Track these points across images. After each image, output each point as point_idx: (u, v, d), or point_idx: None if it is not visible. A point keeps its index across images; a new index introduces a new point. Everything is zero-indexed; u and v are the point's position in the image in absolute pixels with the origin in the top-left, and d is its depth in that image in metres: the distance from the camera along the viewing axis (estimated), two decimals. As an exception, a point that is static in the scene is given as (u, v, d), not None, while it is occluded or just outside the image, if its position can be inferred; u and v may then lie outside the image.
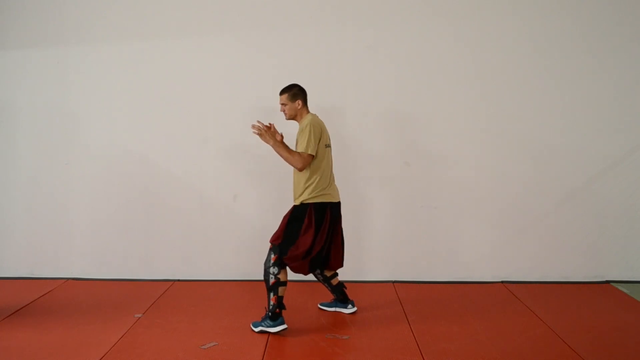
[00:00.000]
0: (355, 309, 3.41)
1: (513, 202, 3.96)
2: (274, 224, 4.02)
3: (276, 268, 3.07)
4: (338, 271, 3.42)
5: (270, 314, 3.06)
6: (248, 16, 3.99)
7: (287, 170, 3.90)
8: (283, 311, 3.09)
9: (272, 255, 3.09)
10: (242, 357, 2.76)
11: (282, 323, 3.05)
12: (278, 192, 4.02)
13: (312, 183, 3.12)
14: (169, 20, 4.03)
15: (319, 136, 3.11)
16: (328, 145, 3.21)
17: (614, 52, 3.87)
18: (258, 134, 3.15)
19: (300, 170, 3.13)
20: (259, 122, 3.18)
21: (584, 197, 3.94)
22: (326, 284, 3.41)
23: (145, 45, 4.05)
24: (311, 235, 3.07)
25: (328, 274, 3.37)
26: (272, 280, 3.06)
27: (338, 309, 3.42)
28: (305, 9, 3.97)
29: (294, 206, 3.19)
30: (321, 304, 3.50)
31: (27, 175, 4.18)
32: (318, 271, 3.35)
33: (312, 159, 3.10)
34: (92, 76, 4.10)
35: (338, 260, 3.30)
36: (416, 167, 3.98)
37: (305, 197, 3.12)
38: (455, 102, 3.93)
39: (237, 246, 4.10)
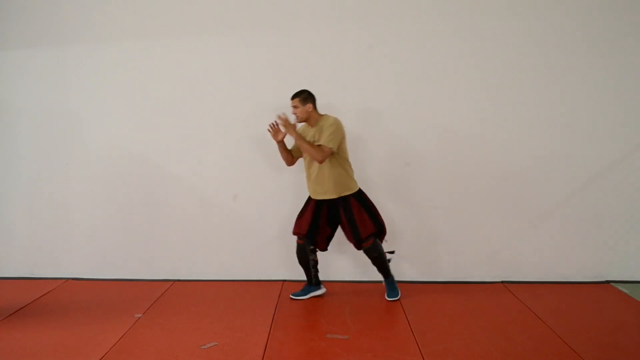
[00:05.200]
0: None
1: (513, 202, 3.96)
2: (274, 224, 4.04)
3: (383, 249, 3.57)
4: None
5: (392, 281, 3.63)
6: (248, 16, 3.99)
7: (286, 170, 3.91)
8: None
9: (376, 242, 3.51)
10: (242, 357, 2.76)
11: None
12: (278, 192, 4.02)
13: (352, 175, 3.52)
14: (169, 20, 4.03)
15: (343, 134, 3.43)
16: None
17: (615, 51, 3.86)
18: (284, 125, 3.37)
19: (320, 162, 3.36)
20: (284, 114, 3.39)
21: (584, 197, 3.93)
22: (316, 267, 3.64)
23: (145, 45, 4.05)
24: (377, 212, 3.56)
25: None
26: (388, 258, 3.59)
27: (313, 294, 3.68)
28: (306, 8, 3.96)
29: (351, 197, 3.46)
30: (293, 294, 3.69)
31: (27, 175, 4.18)
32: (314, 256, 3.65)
33: (331, 153, 3.35)
34: (92, 76, 4.10)
35: None
36: (416, 167, 3.98)
37: (354, 188, 3.50)
38: (456, 102, 3.93)
39: (237, 246, 4.10)
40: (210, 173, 4.08)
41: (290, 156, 3.60)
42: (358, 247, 3.53)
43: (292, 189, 3.98)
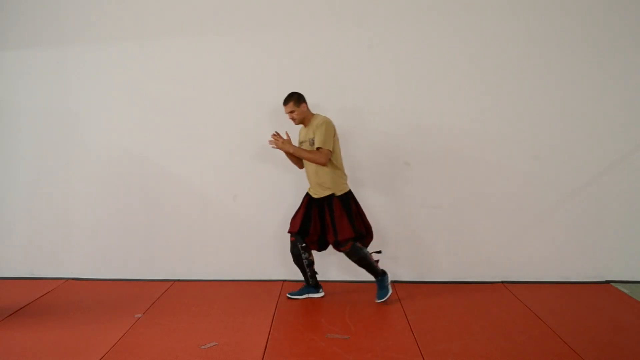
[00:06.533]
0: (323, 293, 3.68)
1: (513, 201, 3.96)
2: (274, 223, 4.04)
3: (363, 248, 3.47)
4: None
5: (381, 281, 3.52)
6: (248, 16, 3.99)
7: (286, 170, 3.91)
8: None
9: (355, 246, 3.40)
10: (242, 357, 2.76)
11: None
12: (278, 192, 4.02)
13: (340, 175, 3.46)
14: (169, 20, 4.03)
15: (334, 132, 3.41)
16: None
17: (616, 51, 3.86)
18: (278, 147, 3.38)
19: (324, 165, 3.36)
20: (276, 133, 3.42)
21: (584, 197, 3.93)
22: (311, 267, 3.60)
23: (145, 45, 4.05)
24: (359, 218, 3.49)
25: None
26: (374, 258, 3.50)
27: (310, 295, 3.66)
28: (306, 8, 3.96)
29: (336, 199, 3.41)
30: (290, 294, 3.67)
31: (27, 175, 4.18)
32: (307, 254, 3.58)
33: (330, 154, 3.36)
34: (91, 76, 4.10)
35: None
36: (416, 167, 3.98)
37: (341, 189, 3.44)
38: (455, 101, 3.93)
39: (237, 246, 4.10)
40: (210, 173, 4.08)
41: (300, 161, 3.59)
42: (337, 249, 3.48)
43: (292, 189, 3.97)
